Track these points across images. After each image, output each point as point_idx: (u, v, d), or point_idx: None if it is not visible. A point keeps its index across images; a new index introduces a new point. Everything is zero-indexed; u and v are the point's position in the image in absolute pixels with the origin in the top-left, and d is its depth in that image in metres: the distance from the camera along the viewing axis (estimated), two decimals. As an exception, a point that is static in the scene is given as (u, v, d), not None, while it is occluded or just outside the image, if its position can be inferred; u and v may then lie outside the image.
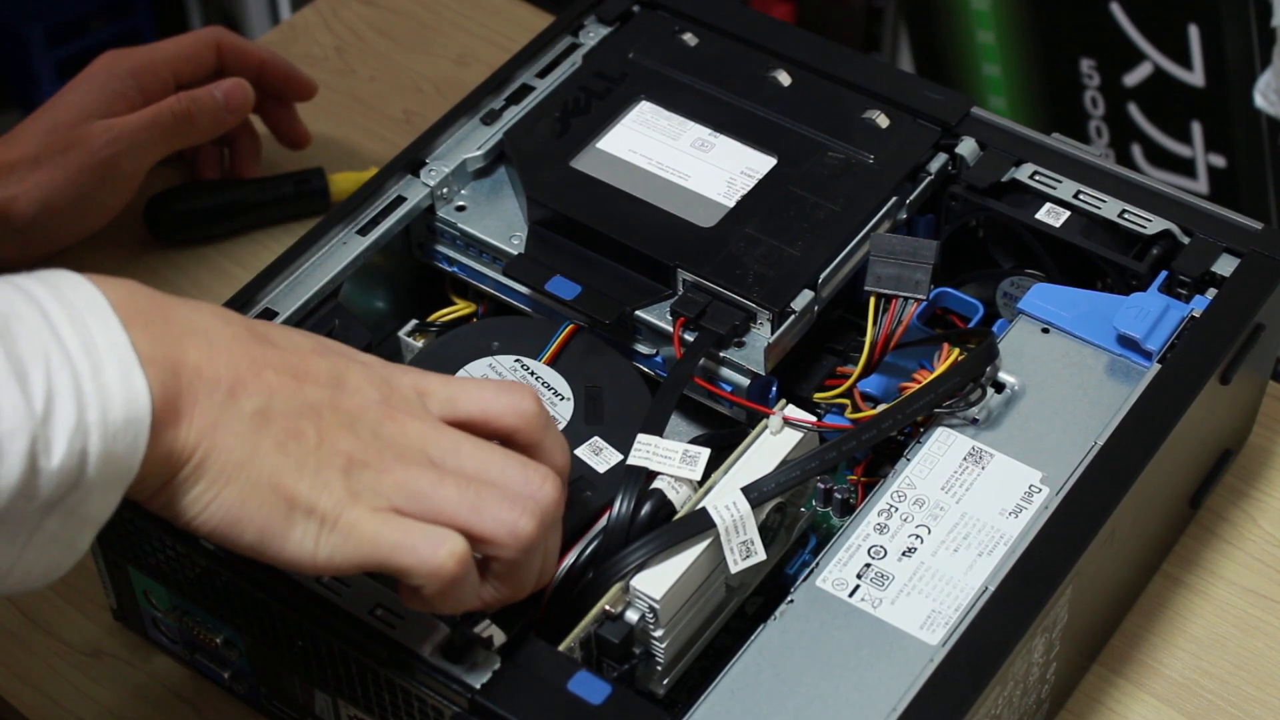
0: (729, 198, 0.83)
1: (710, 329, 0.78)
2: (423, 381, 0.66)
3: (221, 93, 0.96)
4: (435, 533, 0.62)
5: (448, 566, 0.62)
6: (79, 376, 0.57)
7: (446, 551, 0.62)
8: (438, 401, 0.66)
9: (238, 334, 0.63)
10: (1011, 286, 0.85)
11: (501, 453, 0.65)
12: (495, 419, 0.66)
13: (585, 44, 0.91)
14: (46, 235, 0.94)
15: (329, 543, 0.62)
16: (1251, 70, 1.55)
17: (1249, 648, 0.82)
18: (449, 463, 0.64)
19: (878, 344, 0.79)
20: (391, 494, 0.62)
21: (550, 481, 0.65)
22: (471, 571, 0.64)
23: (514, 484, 0.64)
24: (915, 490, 0.73)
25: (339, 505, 0.62)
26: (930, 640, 0.68)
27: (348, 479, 0.62)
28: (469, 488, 0.63)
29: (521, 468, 0.65)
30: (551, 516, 0.65)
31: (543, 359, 0.80)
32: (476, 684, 0.67)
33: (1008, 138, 0.86)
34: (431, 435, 0.64)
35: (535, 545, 0.65)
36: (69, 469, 0.57)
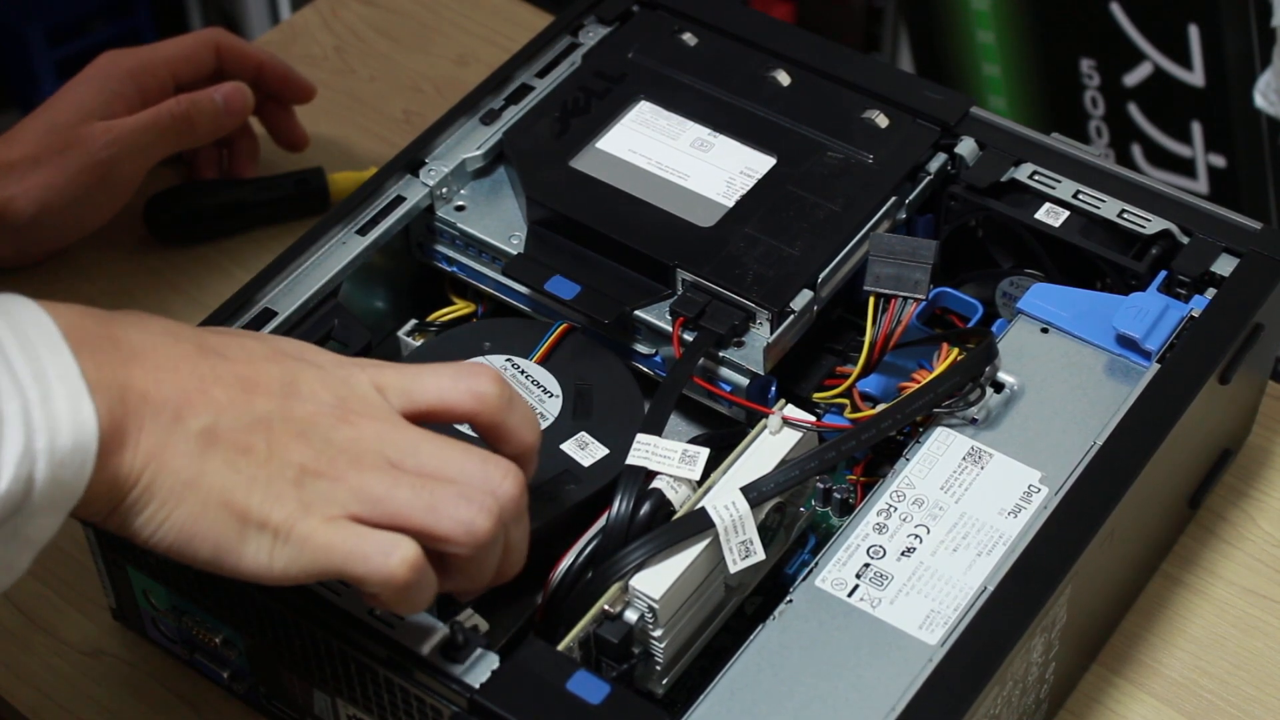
0: (728, 197, 0.83)
1: (709, 329, 0.78)
2: (380, 376, 0.66)
3: (221, 96, 0.96)
4: (387, 541, 0.62)
5: (399, 574, 0.62)
6: (28, 404, 0.58)
7: (398, 559, 0.62)
8: (395, 395, 0.66)
9: (186, 352, 0.63)
10: (1011, 286, 0.85)
11: (461, 449, 0.65)
12: (454, 405, 0.66)
13: (585, 44, 0.92)
14: (44, 235, 0.94)
15: (283, 555, 0.62)
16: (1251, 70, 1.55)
17: (1248, 647, 0.82)
18: (407, 462, 0.64)
19: (877, 344, 0.79)
20: (346, 501, 0.63)
21: (510, 477, 0.65)
22: (426, 576, 0.64)
23: (473, 480, 0.64)
24: (914, 490, 0.74)
25: (291, 517, 0.62)
26: (929, 640, 0.68)
27: (300, 490, 0.62)
28: (424, 488, 0.63)
29: (481, 464, 0.65)
30: (512, 511, 0.65)
31: (533, 358, 0.80)
32: (475, 683, 0.67)
33: (1007, 137, 0.86)
34: (388, 435, 0.64)
35: (492, 541, 0.65)
36: (14, 494, 0.57)
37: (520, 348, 0.80)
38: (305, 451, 0.63)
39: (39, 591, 0.84)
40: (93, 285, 0.98)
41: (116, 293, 0.97)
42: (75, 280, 0.97)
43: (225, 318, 0.79)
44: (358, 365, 0.66)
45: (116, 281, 0.98)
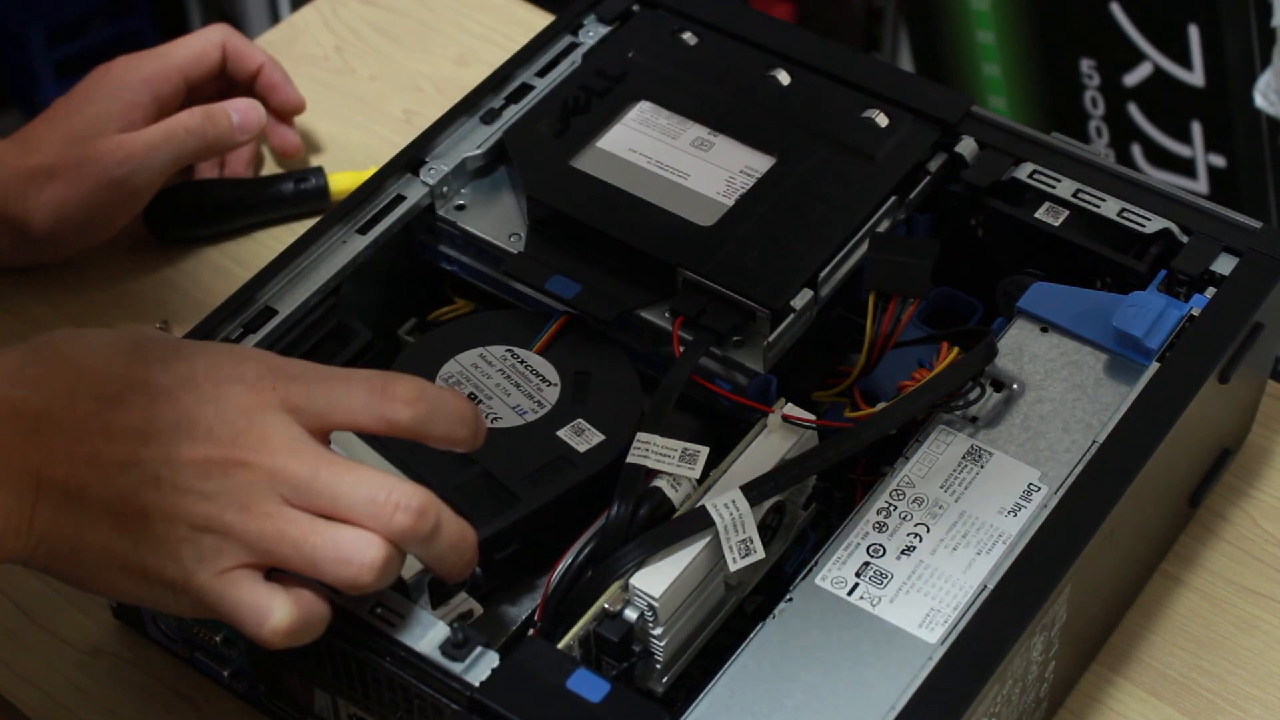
0: (729, 197, 0.83)
1: (709, 328, 0.78)
2: (293, 396, 0.66)
3: (238, 115, 0.96)
4: (263, 606, 0.64)
5: (272, 640, 0.64)
6: None
7: (269, 630, 0.64)
8: (307, 417, 0.66)
9: (84, 413, 0.64)
10: (1011, 285, 0.85)
11: (353, 480, 0.65)
12: (365, 428, 0.66)
13: (585, 43, 0.92)
14: (58, 245, 0.95)
15: (185, 603, 0.65)
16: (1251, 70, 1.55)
17: (1247, 646, 0.82)
18: (300, 498, 0.64)
19: (877, 343, 0.79)
20: (235, 553, 0.64)
21: (402, 511, 0.64)
22: (308, 626, 0.65)
23: (362, 515, 0.64)
24: (914, 489, 0.74)
25: (184, 574, 0.64)
26: (929, 638, 0.69)
27: (190, 547, 0.64)
28: (305, 542, 0.64)
29: (370, 497, 0.64)
30: (413, 539, 0.65)
31: (534, 348, 0.80)
32: (475, 682, 0.67)
33: (1007, 137, 0.86)
34: (282, 472, 0.64)
35: (377, 584, 0.65)
36: None
37: (521, 338, 0.81)
38: (194, 506, 0.64)
39: (39, 591, 0.84)
40: (93, 285, 0.98)
41: (116, 293, 0.97)
42: (76, 280, 0.98)
43: (225, 317, 0.79)
44: (271, 383, 0.66)
45: (116, 281, 0.98)
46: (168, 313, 0.96)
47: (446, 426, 0.67)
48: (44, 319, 0.96)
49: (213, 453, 0.64)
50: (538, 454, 0.75)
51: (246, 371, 0.66)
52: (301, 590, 0.65)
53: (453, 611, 0.70)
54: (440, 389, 0.67)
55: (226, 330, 0.79)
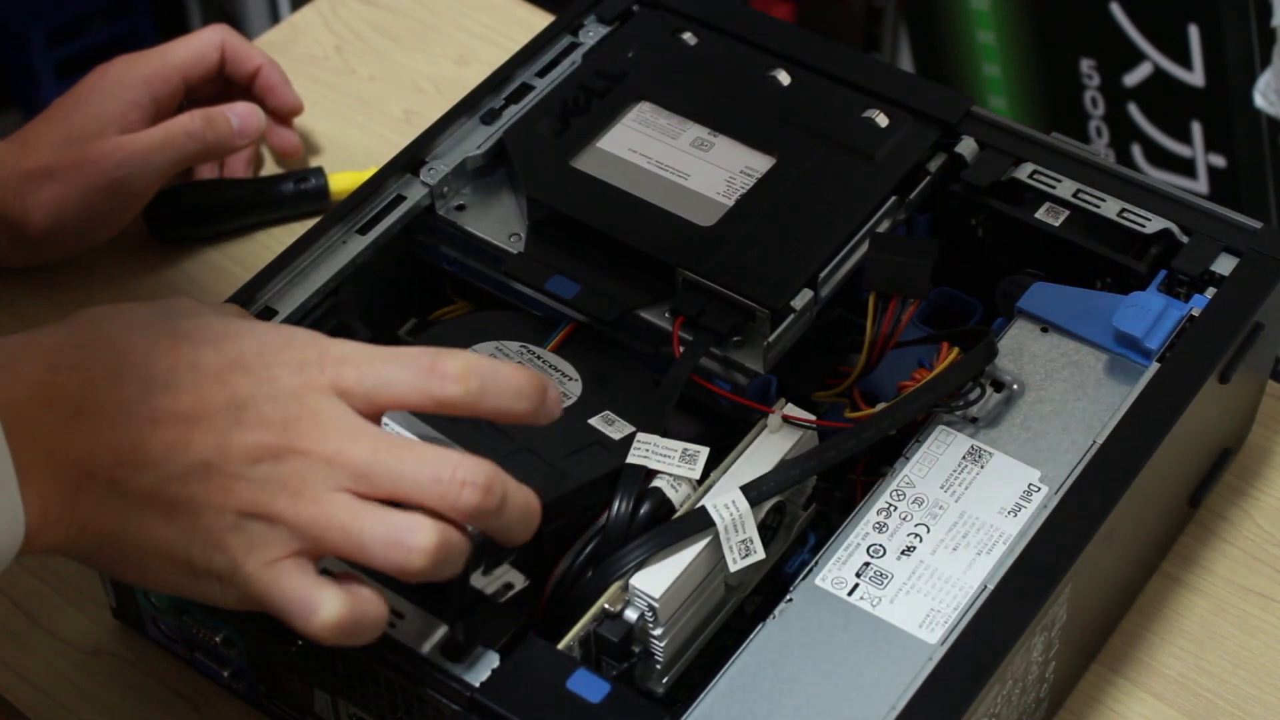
0: (728, 197, 0.83)
1: (709, 328, 0.78)
2: (341, 378, 0.64)
3: (237, 120, 0.96)
4: (312, 600, 0.62)
5: (324, 635, 0.62)
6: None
7: (317, 623, 0.62)
8: (357, 399, 0.64)
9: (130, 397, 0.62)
10: (1011, 285, 0.85)
11: (417, 456, 0.63)
12: (418, 407, 0.64)
13: (585, 43, 0.92)
14: (57, 246, 0.95)
15: (232, 595, 0.63)
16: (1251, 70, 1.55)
17: (1247, 646, 0.82)
18: (361, 484, 0.62)
19: (877, 343, 0.79)
20: (284, 542, 0.62)
21: (469, 487, 0.62)
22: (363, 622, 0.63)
23: (428, 496, 0.62)
24: (914, 489, 0.74)
25: (231, 564, 0.62)
26: (929, 639, 0.69)
27: (238, 535, 0.62)
28: (354, 527, 0.62)
29: (435, 476, 0.62)
30: (481, 513, 0.63)
31: (548, 347, 0.80)
32: (475, 682, 0.67)
33: (1007, 137, 0.86)
34: (338, 457, 0.62)
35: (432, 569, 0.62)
36: None
37: (527, 338, 0.81)
38: (244, 493, 0.62)
39: (39, 591, 0.84)
40: (93, 285, 0.98)
41: (117, 293, 0.97)
42: (76, 280, 0.98)
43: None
44: (319, 366, 0.64)
45: (117, 281, 0.98)
46: (168, 313, 0.96)
47: (502, 400, 0.64)
48: (43, 319, 0.96)
49: (265, 439, 0.62)
50: (575, 437, 0.75)
51: (295, 354, 0.64)
52: (358, 587, 0.63)
53: (496, 581, 0.69)
54: (494, 362, 0.65)
55: (226, 330, 0.79)
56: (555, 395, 0.66)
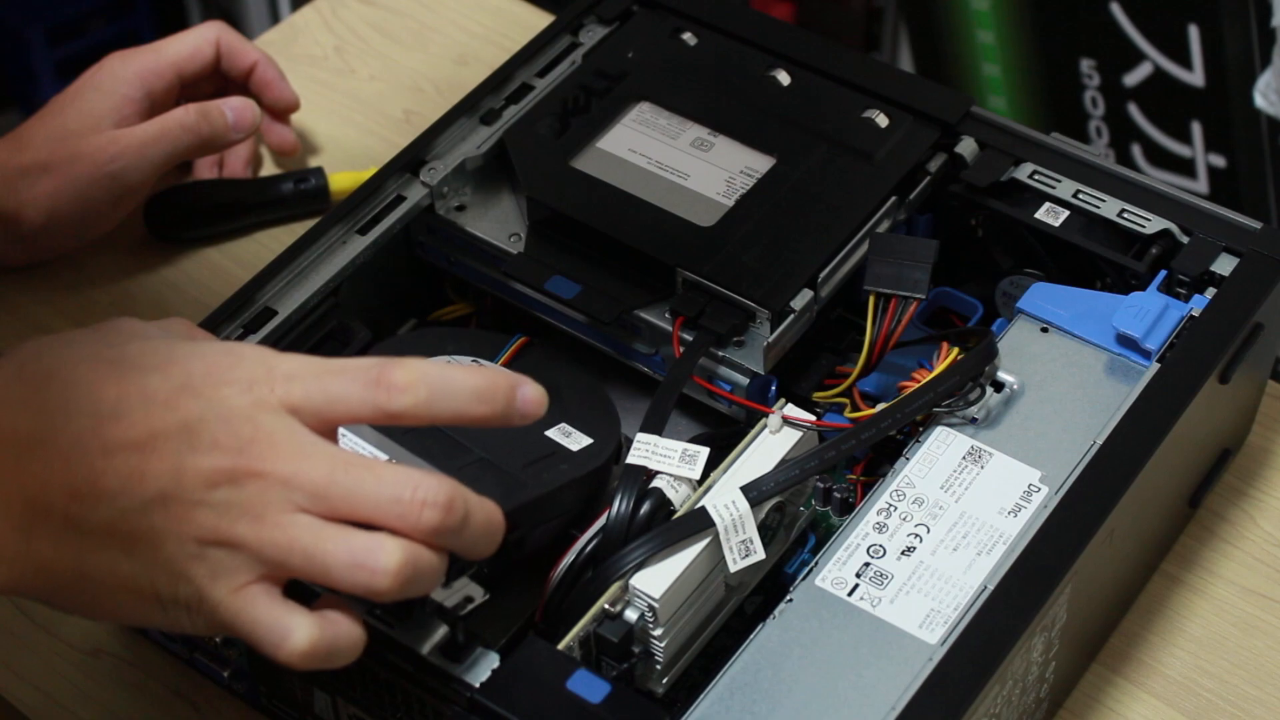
0: (728, 197, 0.83)
1: (709, 328, 0.78)
2: (291, 394, 0.62)
3: (232, 113, 0.95)
4: (281, 627, 0.60)
5: (295, 662, 0.61)
6: None
7: (287, 650, 0.61)
8: (308, 417, 0.62)
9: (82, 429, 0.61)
10: (1011, 286, 0.85)
11: (376, 476, 0.61)
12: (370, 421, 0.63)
13: (585, 43, 0.92)
14: (53, 242, 0.95)
15: (202, 623, 0.62)
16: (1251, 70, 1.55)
17: (1248, 647, 0.82)
18: (319, 505, 0.61)
19: (877, 343, 0.79)
20: (248, 567, 0.61)
21: (429, 508, 0.61)
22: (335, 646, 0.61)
23: (388, 516, 0.61)
24: (914, 489, 0.74)
25: (197, 594, 0.61)
26: (929, 639, 0.69)
27: (202, 564, 0.61)
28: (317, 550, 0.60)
29: (394, 497, 0.61)
30: (442, 532, 0.61)
31: (499, 362, 0.80)
32: (475, 683, 0.67)
33: (1007, 137, 0.86)
34: (296, 478, 0.61)
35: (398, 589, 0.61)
36: None
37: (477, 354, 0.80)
38: (204, 520, 0.60)
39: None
40: (93, 285, 0.98)
41: (116, 292, 0.97)
42: (76, 280, 0.98)
43: (225, 318, 0.79)
44: (269, 385, 0.62)
45: (116, 281, 0.98)
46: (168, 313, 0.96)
47: (457, 405, 0.63)
48: (43, 319, 0.96)
49: (221, 462, 0.60)
50: (532, 448, 0.74)
51: (243, 373, 0.62)
52: (329, 612, 0.62)
53: (456, 594, 0.68)
54: (447, 368, 0.63)
55: (227, 330, 0.79)
56: (533, 394, 0.64)
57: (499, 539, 0.64)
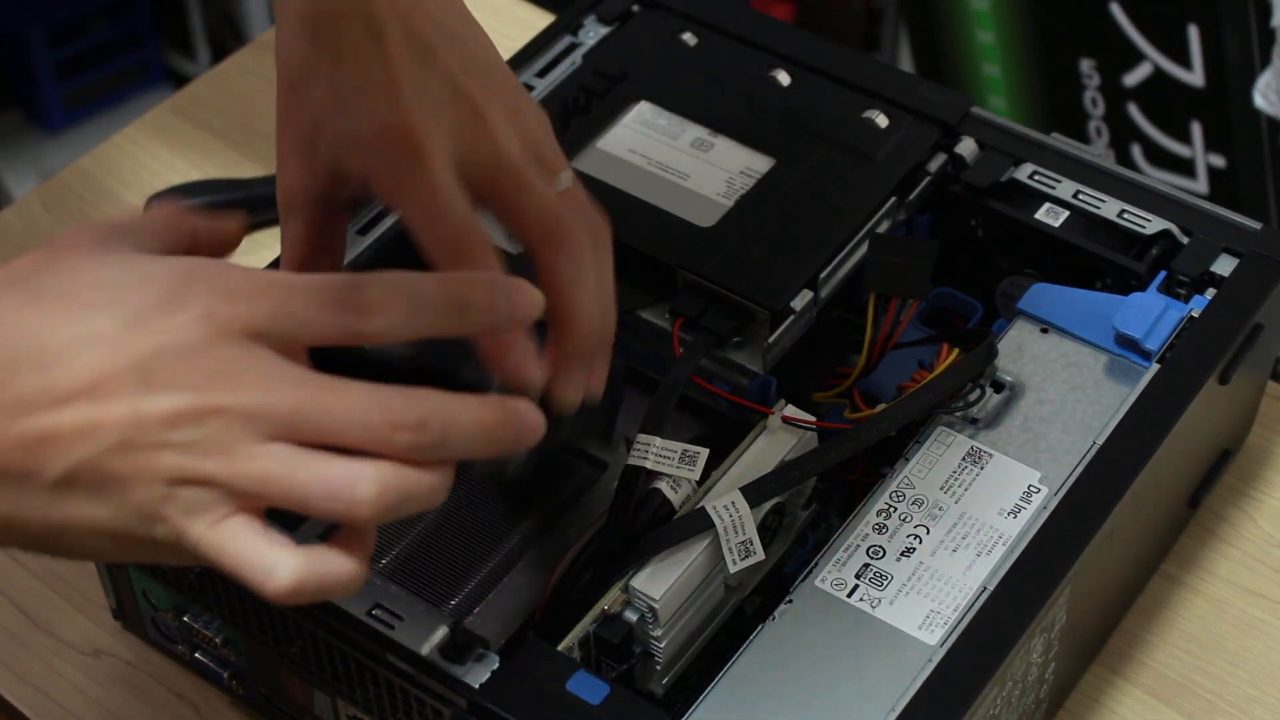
0: (729, 198, 0.83)
1: (709, 329, 0.78)
2: (255, 321, 0.58)
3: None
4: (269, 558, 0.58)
5: (282, 599, 0.58)
6: None
7: (273, 588, 0.58)
8: (272, 341, 0.58)
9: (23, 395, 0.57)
10: (1011, 286, 0.85)
11: (343, 401, 0.58)
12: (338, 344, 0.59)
13: (585, 43, 0.92)
14: None
15: (186, 558, 0.59)
16: (1251, 70, 1.55)
17: (1247, 647, 0.82)
18: (288, 434, 0.58)
19: (877, 344, 0.79)
20: (225, 501, 0.58)
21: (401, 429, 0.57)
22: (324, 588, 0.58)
23: (360, 443, 0.58)
24: (914, 490, 0.74)
25: (175, 533, 0.58)
26: (929, 640, 0.69)
27: (174, 503, 0.58)
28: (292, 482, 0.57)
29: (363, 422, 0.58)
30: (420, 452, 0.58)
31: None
32: (475, 683, 0.67)
33: (1007, 137, 0.86)
34: (261, 409, 0.57)
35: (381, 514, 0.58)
36: None
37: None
38: (170, 460, 0.57)
39: (39, 591, 0.84)
40: (93, 285, 0.97)
41: (116, 293, 0.97)
42: (75, 280, 0.97)
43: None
44: (230, 309, 0.58)
45: (116, 281, 0.98)
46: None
47: (435, 319, 0.60)
48: (44, 319, 0.96)
49: (180, 402, 0.57)
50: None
51: (199, 299, 0.58)
52: (320, 548, 0.59)
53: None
54: (419, 279, 0.59)
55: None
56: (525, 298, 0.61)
57: (502, 436, 0.60)
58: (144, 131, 1.08)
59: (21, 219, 1.02)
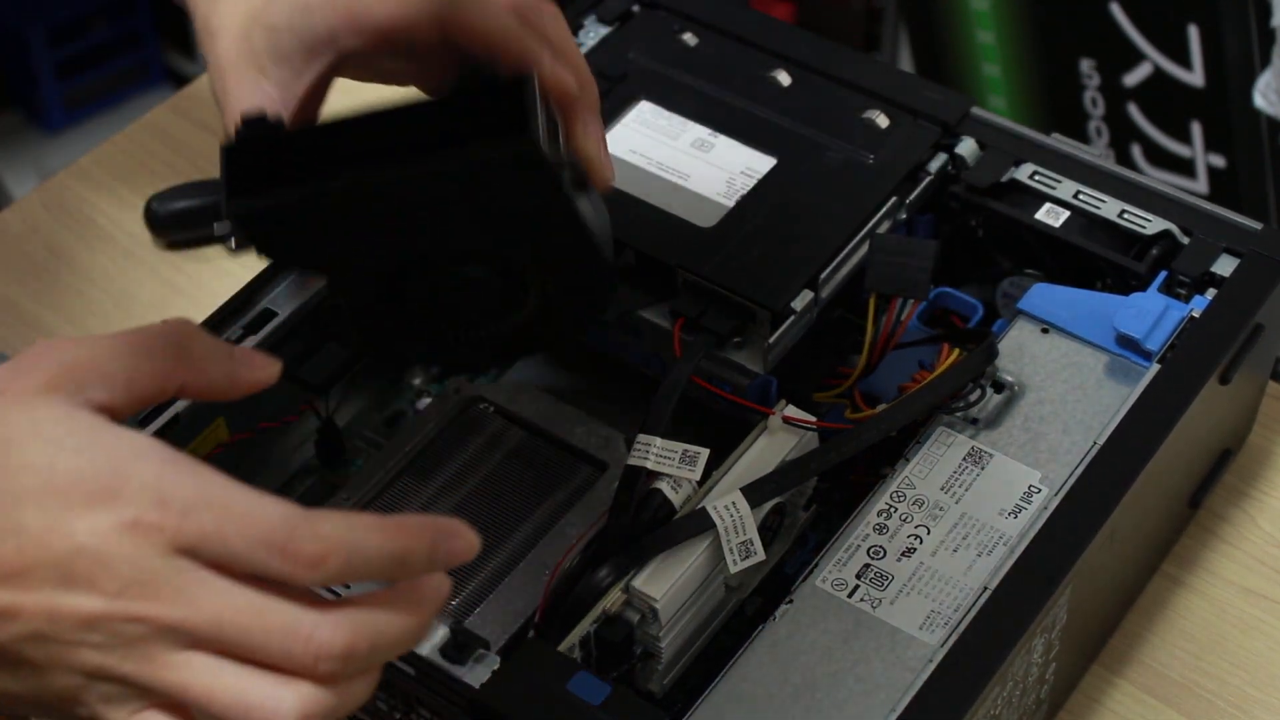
0: (729, 198, 0.83)
1: (710, 329, 0.78)
2: (184, 536, 0.56)
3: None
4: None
5: None
6: None
7: None
8: (200, 560, 0.56)
9: None
10: (1011, 286, 0.85)
11: (264, 626, 0.56)
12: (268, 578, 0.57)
13: (585, 44, 0.91)
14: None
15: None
16: (1251, 70, 1.55)
17: (1248, 647, 0.82)
18: (208, 646, 0.56)
19: (877, 344, 0.79)
20: (143, 697, 0.57)
21: (325, 659, 0.56)
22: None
23: (282, 665, 0.56)
24: (915, 490, 0.74)
25: (95, 715, 0.57)
26: (930, 640, 0.69)
27: (93, 692, 0.57)
28: (210, 698, 0.56)
29: (285, 650, 0.56)
30: (346, 677, 0.57)
31: None
32: (476, 684, 0.67)
33: (1007, 138, 0.86)
34: (181, 625, 0.56)
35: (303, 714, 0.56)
36: None
37: None
38: (86, 657, 0.56)
39: None
40: (93, 285, 0.98)
41: (116, 293, 0.97)
42: (76, 280, 0.98)
43: (225, 318, 0.79)
44: (160, 519, 0.56)
45: (117, 281, 0.98)
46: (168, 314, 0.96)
47: (372, 574, 0.57)
48: (44, 319, 0.96)
49: (97, 606, 0.56)
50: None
51: (129, 505, 0.56)
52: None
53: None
54: (362, 532, 0.56)
55: (227, 331, 0.79)
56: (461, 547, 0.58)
57: (425, 634, 0.59)
58: (144, 131, 1.08)
59: (21, 219, 1.02)
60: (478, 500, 0.79)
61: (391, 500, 0.79)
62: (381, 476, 0.79)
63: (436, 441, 0.81)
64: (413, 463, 0.80)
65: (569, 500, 0.78)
